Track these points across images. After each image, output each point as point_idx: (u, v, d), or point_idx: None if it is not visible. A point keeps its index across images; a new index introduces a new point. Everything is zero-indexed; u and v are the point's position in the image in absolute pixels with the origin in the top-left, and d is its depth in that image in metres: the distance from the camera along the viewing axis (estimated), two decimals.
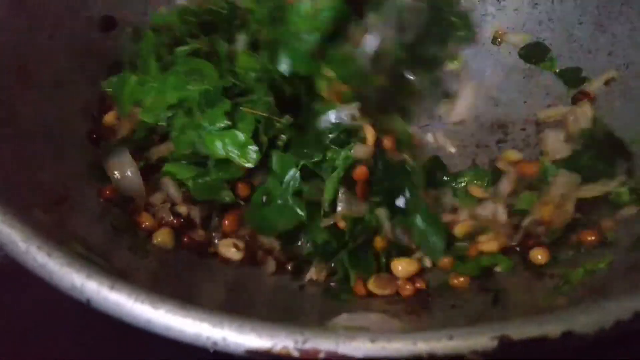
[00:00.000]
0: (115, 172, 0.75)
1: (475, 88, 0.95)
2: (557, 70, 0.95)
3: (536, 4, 0.98)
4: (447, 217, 0.79)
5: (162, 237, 0.72)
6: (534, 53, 0.96)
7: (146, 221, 0.74)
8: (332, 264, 0.74)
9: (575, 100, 0.89)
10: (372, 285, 0.72)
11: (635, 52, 0.88)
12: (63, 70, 0.82)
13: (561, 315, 0.50)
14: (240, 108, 0.74)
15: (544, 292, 0.70)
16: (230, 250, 0.72)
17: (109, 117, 0.84)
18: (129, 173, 0.75)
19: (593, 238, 0.74)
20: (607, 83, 0.90)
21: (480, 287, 0.73)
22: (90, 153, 0.80)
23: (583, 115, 0.85)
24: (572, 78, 0.93)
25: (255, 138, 0.73)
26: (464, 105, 0.94)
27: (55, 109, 0.79)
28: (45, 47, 0.80)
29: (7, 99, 0.72)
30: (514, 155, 0.87)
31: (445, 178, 0.84)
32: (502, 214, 0.78)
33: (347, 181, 0.74)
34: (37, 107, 0.76)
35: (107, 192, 0.75)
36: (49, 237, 0.54)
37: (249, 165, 0.73)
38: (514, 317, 0.55)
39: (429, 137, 0.91)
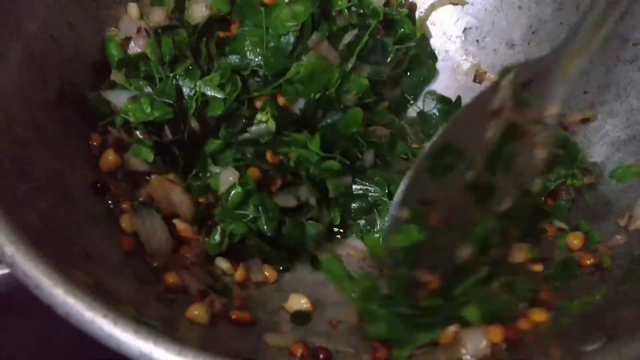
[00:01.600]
0: (144, 232, 0.76)
1: None
2: None
3: (513, 44, 1.04)
4: None
5: (198, 311, 0.70)
6: None
7: (172, 278, 0.74)
8: None
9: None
10: None
11: (608, 92, 0.95)
12: (69, 122, 0.81)
13: None
14: None
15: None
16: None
17: (106, 161, 0.83)
18: (158, 234, 0.76)
19: (592, 261, 0.80)
20: (583, 121, 0.96)
21: None
22: (99, 203, 0.79)
23: None
24: None
25: None
26: None
27: (65, 160, 0.78)
28: (53, 100, 0.80)
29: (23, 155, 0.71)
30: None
31: None
32: None
33: None
34: (48, 160, 0.75)
35: (127, 244, 0.75)
36: (103, 301, 0.55)
37: None
38: None
39: None
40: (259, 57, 0.86)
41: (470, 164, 0.79)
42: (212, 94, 0.83)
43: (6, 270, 0.79)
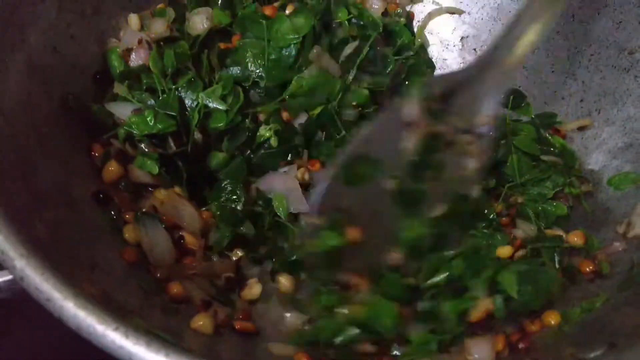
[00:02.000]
0: (146, 242, 0.76)
1: None
2: (534, 115, 1.01)
3: None
4: None
5: (203, 321, 0.71)
6: (512, 99, 1.02)
7: (175, 289, 0.75)
8: None
9: None
10: None
11: (605, 100, 0.96)
12: (73, 133, 0.82)
13: None
14: None
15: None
16: None
17: (108, 172, 0.83)
18: (161, 244, 0.77)
19: (591, 268, 0.81)
20: (580, 129, 0.97)
21: None
22: (103, 214, 0.80)
23: None
24: (548, 122, 1.00)
25: None
26: None
27: (69, 171, 0.78)
28: (56, 111, 0.80)
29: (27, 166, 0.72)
30: None
31: None
32: None
33: None
34: (52, 172, 0.76)
35: (130, 254, 0.76)
36: (113, 314, 0.55)
37: None
38: None
39: None
40: (260, 69, 0.87)
41: (390, 173, 0.80)
42: (215, 106, 0.83)
43: (8, 277, 0.80)
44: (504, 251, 0.83)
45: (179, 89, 0.84)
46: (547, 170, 0.92)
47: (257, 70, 0.87)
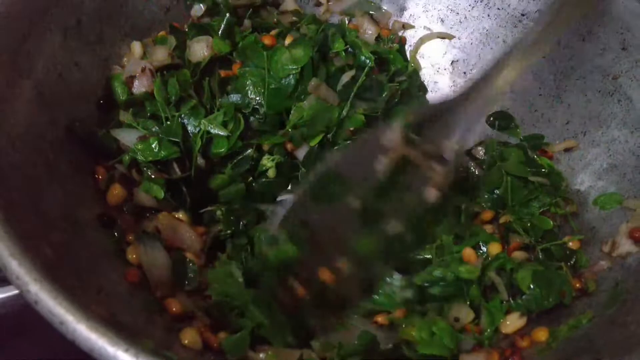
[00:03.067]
0: (146, 261, 0.79)
1: None
2: (522, 137, 1.04)
3: None
4: None
5: (190, 337, 0.73)
6: (500, 121, 1.06)
7: (174, 306, 0.77)
8: None
9: None
10: None
11: (590, 122, 0.99)
12: (78, 159, 0.84)
13: None
14: None
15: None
16: None
17: (113, 195, 0.86)
18: (161, 263, 0.79)
19: (578, 286, 0.84)
20: (566, 150, 1.00)
21: None
22: (107, 237, 0.82)
23: None
24: (536, 144, 1.03)
25: None
26: None
27: (74, 195, 0.81)
28: (62, 138, 0.83)
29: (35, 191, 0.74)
30: None
31: None
32: None
33: None
34: (59, 196, 0.78)
35: (133, 275, 0.78)
36: (124, 335, 0.58)
37: None
38: None
39: None
40: (260, 97, 0.90)
41: (357, 193, 0.85)
42: (216, 132, 0.86)
43: (12, 292, 0.83)
44: (494, 248, 0.87)
45: (182, 115, 0.87)
46: (535, 190, 0.95)
47: (257, 98, 0.91)
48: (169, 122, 0.86)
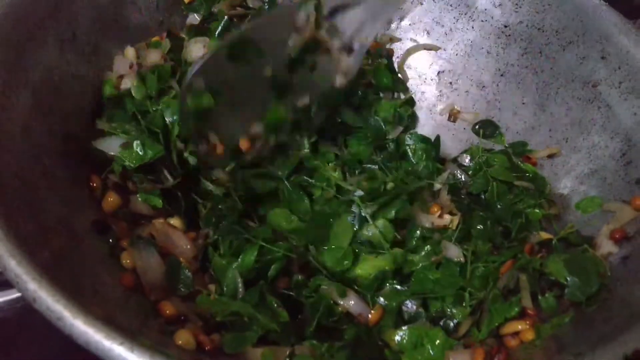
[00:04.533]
0: (140, 265, 0.81)
1: None
2: (507, 144, 1.07)
3: (484, 86, 1.12)
4: None
5: (184, 339, 0.73)
6: (486, 129, 1.10)
7: (168, 310, 0.79)
8: None
9: None
10: None
11: (572, 129, 1.02)
12: (75, 167, 0.86)
13: None
14: None
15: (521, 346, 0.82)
16: None
17: (108, 202, 0.88)
18: (154, 267, 0.81)
19: None
20: (550, 157, 1.03)
21: None
22: (103, 242, 0.84)
23: None
24: (520, 151, 1.06)
25: None
26: None
27: (71, 202, 0.83)
28: (58, 147, 0.85)
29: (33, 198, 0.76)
30: None
31: None
32: None
33: None
34: (56, 203, 0.80)
35: (128, 280, 0.80)
36: (123, 332, 0.60)
37: None
38: None
39: None
40: None
41: (270, 62, 0.90)
42: None
43: (13, 296, 0.85)
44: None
45: (162, 108, 0.90)
46: (520, 194, 0.99)
47: None
48: (151, 115, 0.89)
